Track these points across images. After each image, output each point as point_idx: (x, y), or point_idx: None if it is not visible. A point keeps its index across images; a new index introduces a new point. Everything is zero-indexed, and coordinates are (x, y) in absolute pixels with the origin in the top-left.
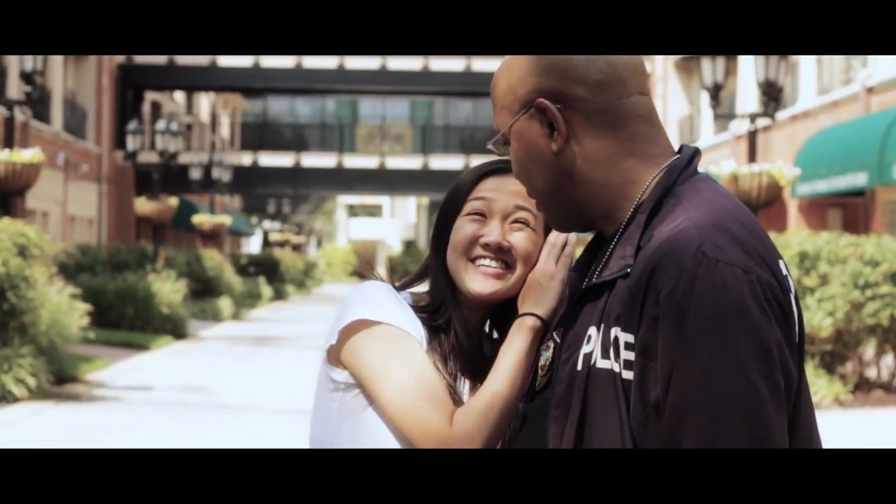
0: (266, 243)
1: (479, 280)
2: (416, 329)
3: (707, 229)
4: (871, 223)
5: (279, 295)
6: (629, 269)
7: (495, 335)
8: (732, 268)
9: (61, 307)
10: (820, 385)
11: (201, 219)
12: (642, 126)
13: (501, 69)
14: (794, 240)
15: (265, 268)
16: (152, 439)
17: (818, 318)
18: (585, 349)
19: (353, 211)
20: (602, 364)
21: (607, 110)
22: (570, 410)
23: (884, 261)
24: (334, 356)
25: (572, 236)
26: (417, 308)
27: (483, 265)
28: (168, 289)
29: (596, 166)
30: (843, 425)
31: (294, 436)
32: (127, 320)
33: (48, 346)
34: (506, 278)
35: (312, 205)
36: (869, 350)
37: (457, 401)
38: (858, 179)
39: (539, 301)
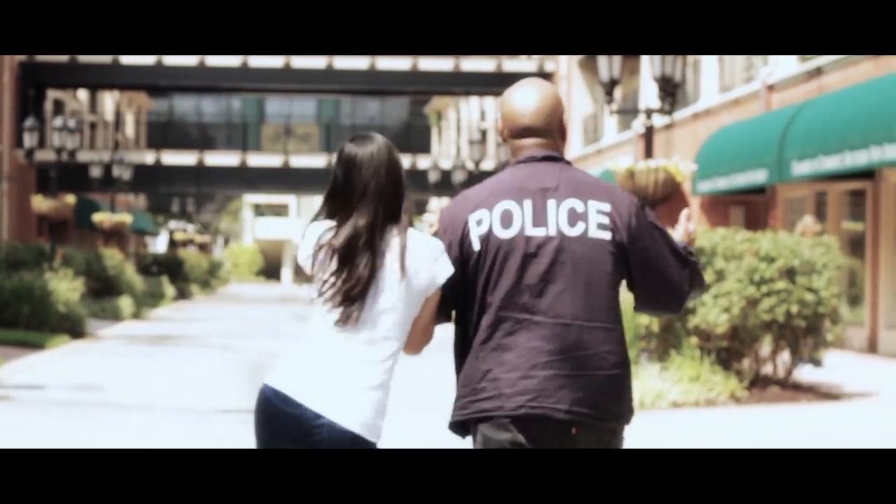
0: (172, 243)
1: None
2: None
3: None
4: (771, 220)
5: (183, 294)
6: None
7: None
8: (446, 210)
9: None
10: (716, 381)
11: (101, 217)
12: (524, 151)
13: None
14: None
15: (168, 267)
16: (40, 438)
17: (714, 314)
18: None
19: (259, 210)
20: None
21: (511, 144)
22: None
23: (779, 257)
24: None
25: None
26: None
27: None
28: (65, 287)
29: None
30: (740, 422)
31: (186, 435)
32: (23, 319)
33: None
34: None
35: (218, 204)
36: (765, 346)
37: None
38: (758, 177)
39: None
